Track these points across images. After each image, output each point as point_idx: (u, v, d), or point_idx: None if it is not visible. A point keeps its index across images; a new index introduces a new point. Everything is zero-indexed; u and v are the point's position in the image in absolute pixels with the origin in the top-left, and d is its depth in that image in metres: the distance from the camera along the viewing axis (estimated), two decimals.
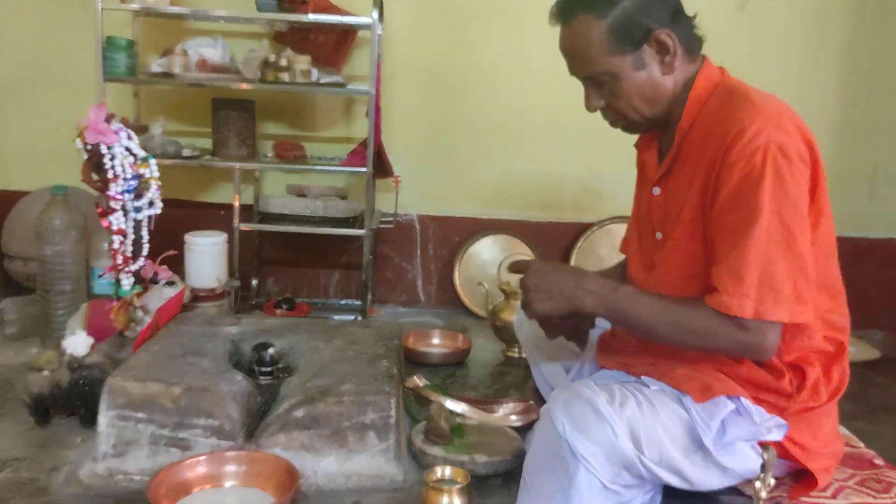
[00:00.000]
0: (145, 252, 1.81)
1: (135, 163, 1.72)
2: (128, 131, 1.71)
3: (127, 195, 1.73)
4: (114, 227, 1.73)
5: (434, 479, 1.33)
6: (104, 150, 1.67)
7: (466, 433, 1.59)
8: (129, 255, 1.78)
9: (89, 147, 1.67)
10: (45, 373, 1.66)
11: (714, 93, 1.28)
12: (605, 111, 1.34)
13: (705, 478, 1.22)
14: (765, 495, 1.00)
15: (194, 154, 2.39)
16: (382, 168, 2.43)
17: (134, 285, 1.80)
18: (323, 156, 2.57)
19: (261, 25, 2.49)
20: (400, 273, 2.75)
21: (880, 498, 1.32)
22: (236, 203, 2.37)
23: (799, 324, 1.22)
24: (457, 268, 2.69)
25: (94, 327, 1.78)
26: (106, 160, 1.68)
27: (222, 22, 2.46)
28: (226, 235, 2.30)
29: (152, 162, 1.76)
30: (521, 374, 2.12)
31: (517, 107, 2.64)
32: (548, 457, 1.17)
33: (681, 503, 1.33)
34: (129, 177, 1.71)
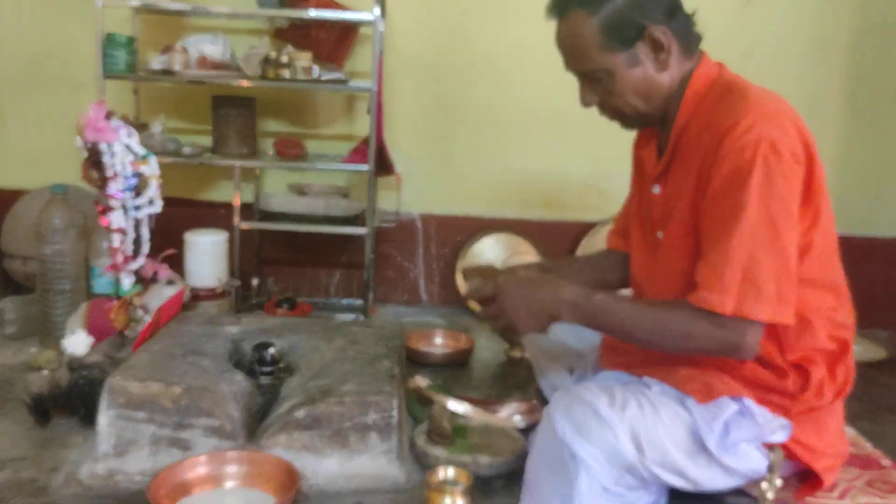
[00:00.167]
0: (145, 251, 1.81)
1: (135, 161, 1.72)
2: (128, 129, 1.71)
3: (127, 193, 1.73)
4: (113, 226, 1.73)
5: (436, 480, 1.33)
6: (104, 148, 1.67)
7: (469, 434, 1.58)
8: (129, 253, 1.78)
9: (89, 145, 1.67)
10: (45, 372, 1.66)
11: (711, 88, 1.27)
12: (600, 107, 1.33)
13: (709, 479, 1.22)
14: (771, 496, 0.99)
15: (194, 152, 2.38)
16: (384, 166, 2.42)
17: (134, 284, 1.80)
18: (324, 154, 2.57)
19: (262, 22, 2.48)
20: (402, 272, 2.74)
21: (888, 498, 1.32)
22: (237, 201, 2.36)
23: (800, 323, 1.21)
24: (459, 267, 2.68)
25: (93, 327, 1.77)
26: (106, 158, 1.68)
27: (223, 18, 2.46)
28: (226, 234, 2.30)
29: (152, 160, 1.76)
30: (523, 375, 2.11)
31: (520, 104, 2.63)
32: (549, 460, 1.17)
33: None
34: (128, 175, 1.71)
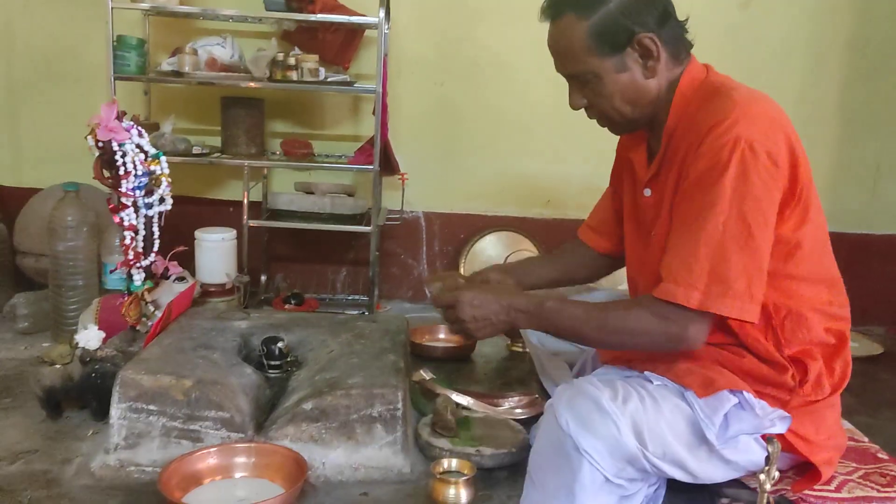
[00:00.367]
0: (156, 248, 1.82)
1: (145, 160, 1.74)
2: (139, 129, 1.72)
3: (138, 192, 1.74)
4: (125, 223, 1.74)
5: (440, 471, 1.35)
6: (115, 148, 1.68)
7: (472, 426, 1.60)
8: (141, 250, 1.79)
9: (101, 144, 1.68)
10: (58, 366, 1.67)
11: (698, 90, 1.27)
12: (588, 110, 1.34)
13: (709, 471, 1.23)
14: (769, 488, 1.01)
15: (204, 152, 2.41)
16: (389, 165, 2.44)
17: (145, 280, 1.81)
18: (330, 153, 2.59)
19: (269, 25, 2.50)
20: (406, 269, 2.77)
21: (884, 492, 1.32)
22: (245, 200, 2.38)
23: (797, 318, 1.24)
24: (462, 264, 2.70)
25: (105, 322, 1.80)
26: (117, 157, 1.69)
27: (231, 21, 2.47)
28: (235, 232, 2.32)
29: (163, 159, 1.77)
30: (525, 369, 2.13)
31: (523, 104, 2.64)
32: (552, 452, 1.18)
33: (685, 496, 1.35)
34: (140, 173, 1.73)
